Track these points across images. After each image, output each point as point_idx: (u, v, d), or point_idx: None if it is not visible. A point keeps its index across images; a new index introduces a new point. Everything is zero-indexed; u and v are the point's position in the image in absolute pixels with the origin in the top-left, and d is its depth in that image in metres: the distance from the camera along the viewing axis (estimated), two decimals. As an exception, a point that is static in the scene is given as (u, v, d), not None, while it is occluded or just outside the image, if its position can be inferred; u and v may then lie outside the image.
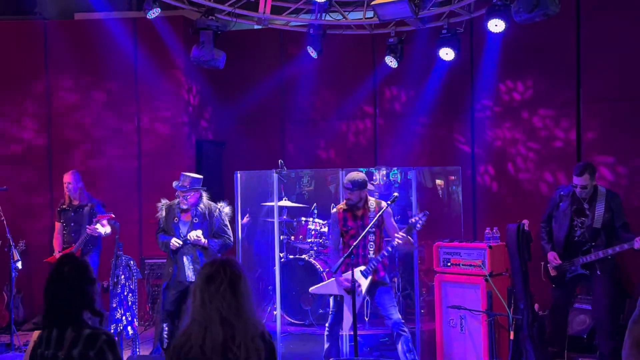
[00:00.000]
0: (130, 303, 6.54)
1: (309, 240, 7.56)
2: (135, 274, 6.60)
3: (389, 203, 5.69)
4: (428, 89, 8.59)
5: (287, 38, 9.30)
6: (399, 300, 7.27)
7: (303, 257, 7.52)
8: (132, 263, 6.58)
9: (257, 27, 8.88)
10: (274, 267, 7.14)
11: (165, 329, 6.24)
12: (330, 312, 5.92)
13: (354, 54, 9.11)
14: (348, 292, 5.60)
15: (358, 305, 5.41)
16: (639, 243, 5.50)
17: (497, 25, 6.52)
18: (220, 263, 2.83)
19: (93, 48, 8.72)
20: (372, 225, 5.62)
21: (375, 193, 7.53)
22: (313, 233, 7.54)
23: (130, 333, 6.52)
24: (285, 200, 7.65)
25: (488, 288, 5.98)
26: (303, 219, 7.71)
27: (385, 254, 5.67)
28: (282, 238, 7.57)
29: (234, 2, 7.60)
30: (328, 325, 5.92)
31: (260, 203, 7.80)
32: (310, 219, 7.61)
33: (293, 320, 7.45)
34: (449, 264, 6.31)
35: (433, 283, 6.50)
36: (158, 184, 8.37)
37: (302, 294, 7.34)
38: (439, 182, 8.44)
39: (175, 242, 6.17)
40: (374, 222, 5.62)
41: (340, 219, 5.83)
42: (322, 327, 6.87)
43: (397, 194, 5.74)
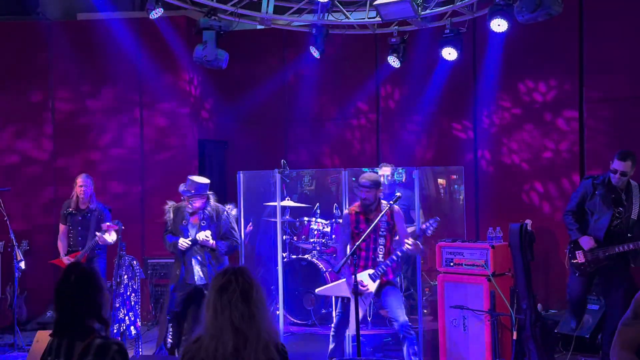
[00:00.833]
0: (133, 303, 6.56)
1: (312, 240, 7.54)
2: (138, 274, 6.61)
3: (392, 203, 5.68)
4: (431, 89, 8.57)
5: (289, 38, 9.30)
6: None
7: (306, 257, 7.50)
8: (135, 263, 6.58)
9: (259, 27, 8.88)
10: (277, 267, 7.14)
11: (170, 330, 6.25)
12: (337, 313, 5.92)
13: (357, 54, 9.10)
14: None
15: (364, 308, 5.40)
16: None
17: (499, 25, 6.50)
18: (232, 272, 2.79)
19: (96, 49, 8.72)
20: (383, 229, 5.63)
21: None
22: (316, 233, 7.53)
23: (133, 333, 6.53)
24: (288, 200, 7.64)
25: (491, 288, 5.96)
26: (305, 219, 7.69)
27: (395, 259, 5.68)
28: (284, 238, 7.57)
29: (237, 2, 7.61)
30: (334, 326, 5.92)
31: (263, 203, 7.79)
32: (313, 219, 7.60)
33: (295, 320, 7.44)
34: (452, 264, 6.30)
35: (436, 283, 6.50)
36: (161, 185, 8.38)
37: (304, 294, 7.34)
38: (442, 181, 8.42)
39: (184, 242, 6.16)
40: (381, 217, 5.59)
41: (353, 221, 5.82)
42: (324, 327, 6.87)
43: (399, 194, 5.74)
